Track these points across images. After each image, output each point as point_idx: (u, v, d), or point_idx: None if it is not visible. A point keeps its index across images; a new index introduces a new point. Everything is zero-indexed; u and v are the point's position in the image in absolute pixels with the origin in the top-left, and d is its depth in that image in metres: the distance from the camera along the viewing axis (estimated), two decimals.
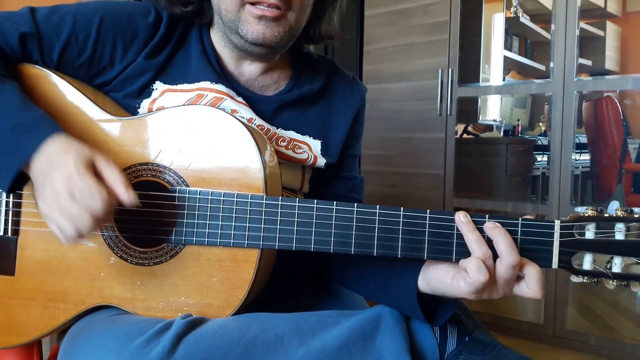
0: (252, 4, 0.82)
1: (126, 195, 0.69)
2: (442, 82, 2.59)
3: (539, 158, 3.02)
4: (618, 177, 2.79)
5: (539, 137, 3.22)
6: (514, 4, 3.18)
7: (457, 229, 0.72)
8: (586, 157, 2.84)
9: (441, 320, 0.76)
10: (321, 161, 0.96)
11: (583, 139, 2.83)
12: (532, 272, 0.69)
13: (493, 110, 3.34)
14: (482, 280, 0.67)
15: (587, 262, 0.70)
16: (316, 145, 0.96)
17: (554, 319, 2.35)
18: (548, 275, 2.34)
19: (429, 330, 0.77)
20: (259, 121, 0.91)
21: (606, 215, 0.70)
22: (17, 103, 0.76)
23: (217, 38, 0.92)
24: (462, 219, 0.71)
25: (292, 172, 0.95)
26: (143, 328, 0.71)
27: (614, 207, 0.70)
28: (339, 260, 0.92)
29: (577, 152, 2.40)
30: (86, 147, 0.72)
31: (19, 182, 0.74)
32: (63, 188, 0.67)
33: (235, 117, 0.81)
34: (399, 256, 0.74)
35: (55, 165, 0.69)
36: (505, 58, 3.16)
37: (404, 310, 0.78)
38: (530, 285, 0.69)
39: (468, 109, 2.91)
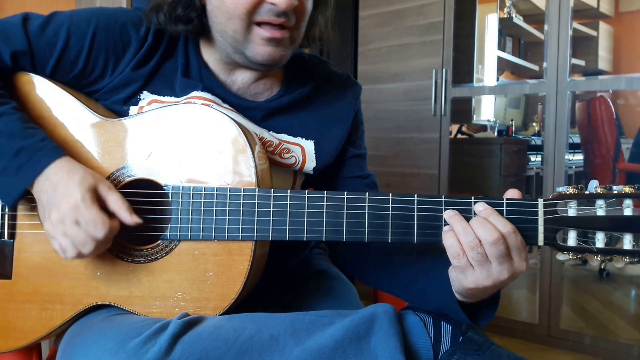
0: (259, 24, 0.82)
1: (130, 219, 0.76)
2: (436, 82, 2.60)
3: (532, 158, 3.03)
4: (611, 176, 2.80)
5: (533, 137, 3.24)
6: (507, 4, 3.19)
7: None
8: (580, 157, 2.85)
9: (485, 320, 0.78)
10: (309, 165, 0.96)
11: (576, 139, 2.84)
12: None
13: (487, 110, 3.35)
14: (455, 255, 0.70)
15: (572, 238, 0.73)
16: (309, 145, 0.96)
17: (548, 319, 2.36)
18: (542, 275, 2.35)
19: (423, 330, 0.78)
20: (247, 125, 0.91)
21: (587, 192, 0.72)
22: (18, 126, 0.77)
23: (210, 50, 0.91)
24: (449, 214, 0.74)
25: (281, 177, 0.95)
26: (140, 329, 0.71)
27: (593, 186, 0.72)
28: (374, 266, 0.94)
29: (570, 152, 2.42)
30: (88, 172, 0.76)
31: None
32: (70, 216, 0.73)
33: (225, 114, 0.81)
34: (389, 241, 0.76)
35: (61, 192, 0.74)
36: (499, 58, 3.18)
37: (449, 312, 0.80)
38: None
39: (462, 109, 2.92)
